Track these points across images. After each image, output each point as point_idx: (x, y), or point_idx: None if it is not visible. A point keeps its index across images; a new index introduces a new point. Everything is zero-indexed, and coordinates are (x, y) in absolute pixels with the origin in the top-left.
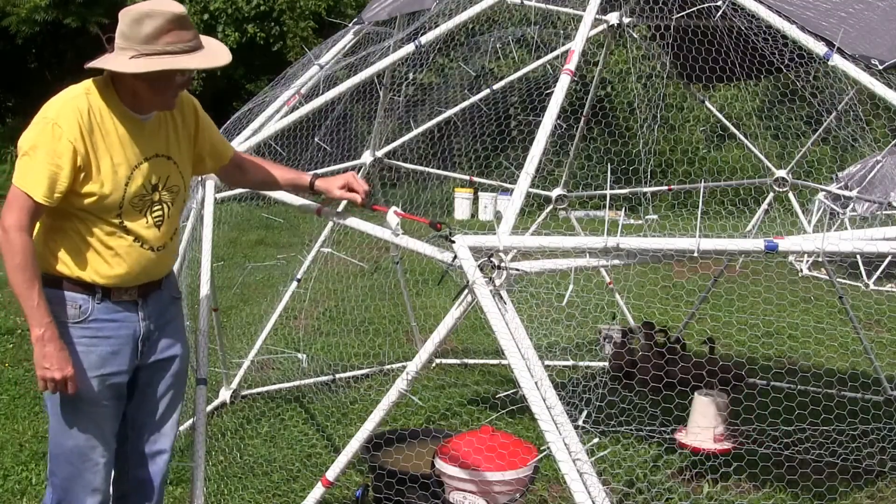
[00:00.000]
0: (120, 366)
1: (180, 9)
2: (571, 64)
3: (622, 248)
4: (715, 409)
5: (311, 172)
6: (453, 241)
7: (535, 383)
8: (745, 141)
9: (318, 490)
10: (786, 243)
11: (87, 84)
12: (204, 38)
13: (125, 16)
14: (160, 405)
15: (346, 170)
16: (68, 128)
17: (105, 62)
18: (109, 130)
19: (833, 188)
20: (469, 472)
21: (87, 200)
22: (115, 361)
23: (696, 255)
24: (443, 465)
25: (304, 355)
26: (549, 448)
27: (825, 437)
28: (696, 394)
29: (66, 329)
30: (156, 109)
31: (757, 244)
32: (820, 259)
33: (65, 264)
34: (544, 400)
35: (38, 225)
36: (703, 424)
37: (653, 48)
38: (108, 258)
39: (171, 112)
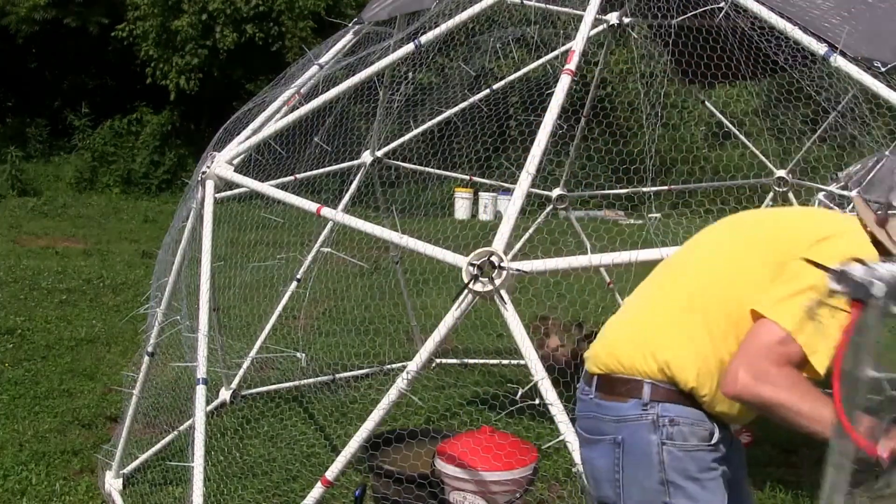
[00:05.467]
0: None
1: None
2: (572, 64)
3: None
4: None
5: None
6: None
7: (537, 382)
8: (745, 140)
9: (317, 490)
10: None
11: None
12: None
13: None
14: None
15: (346, 169)
16: None
17: None
18: None
19: (833, 188)
20: (469, 473)
21: None
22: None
23: None
24: (442, 466)
25: (303, 354)
26: (561, 440)
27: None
28: None
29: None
30: None
31: None
32: None
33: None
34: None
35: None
36: None
37: (653, 48)
38: None
39: None
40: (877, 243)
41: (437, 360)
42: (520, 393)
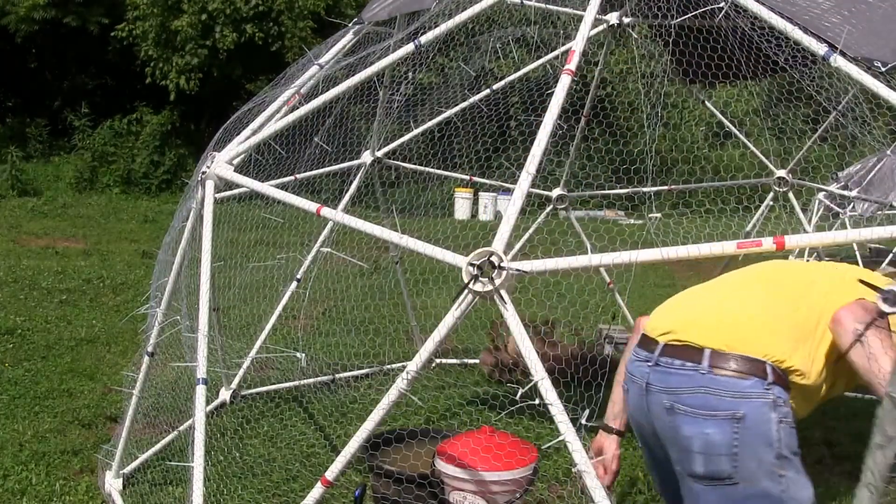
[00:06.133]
0: None
1: None
2: (572, 64)
3: None
4: None
5: None
6: None
7: (536, 382)
8: (745, 140)
9: (317, 490)
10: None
11: None
12: None
13: None
14: None
15: (346, 169)
16: None
17: None
18: None
19: (833, 188)
20: (469, 473)
21: None
22: None
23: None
24: (442, 466)
25: (303, 354)
26: (562, 440)
27: (826, 437)
28: None
29: None
30: None
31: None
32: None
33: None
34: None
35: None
36: None
37: (653, 48)
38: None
39: None
40: None
41: (437, 360)
42: (520, 393)
